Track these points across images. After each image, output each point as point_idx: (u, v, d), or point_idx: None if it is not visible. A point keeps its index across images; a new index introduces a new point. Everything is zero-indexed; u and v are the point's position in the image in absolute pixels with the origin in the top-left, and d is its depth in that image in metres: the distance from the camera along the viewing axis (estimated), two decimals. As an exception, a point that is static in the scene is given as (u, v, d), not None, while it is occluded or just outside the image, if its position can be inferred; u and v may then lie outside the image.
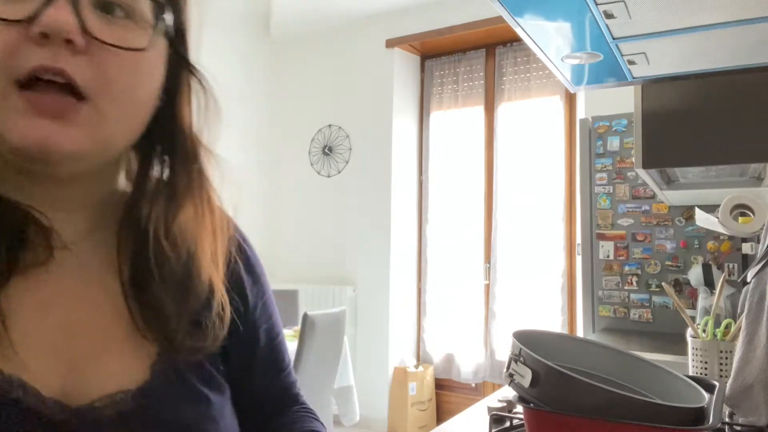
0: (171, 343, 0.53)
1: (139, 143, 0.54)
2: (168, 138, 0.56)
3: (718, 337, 1.22)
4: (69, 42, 0.44)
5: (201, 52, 0.57)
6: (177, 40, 0.54)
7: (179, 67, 0.55)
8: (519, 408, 0.95)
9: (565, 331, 3.74)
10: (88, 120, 0.46)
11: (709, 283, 2.14)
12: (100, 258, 0.54)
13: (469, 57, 4.30)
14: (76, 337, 0.50)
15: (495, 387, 3.96)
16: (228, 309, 0.58)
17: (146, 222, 0.54)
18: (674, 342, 1.93)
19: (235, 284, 0.61)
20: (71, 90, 0.45)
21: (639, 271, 2.46)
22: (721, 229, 1.74)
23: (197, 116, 0.57)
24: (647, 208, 2.46)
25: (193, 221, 0.56)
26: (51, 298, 0.50)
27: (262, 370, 0.66)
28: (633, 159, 1.94)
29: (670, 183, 1.81)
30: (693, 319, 1.38)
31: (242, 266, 0.63)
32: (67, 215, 0.52)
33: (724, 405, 0.97)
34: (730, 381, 0.98)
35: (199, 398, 0.54)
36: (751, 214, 1.63)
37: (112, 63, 0.47)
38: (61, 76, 0.44)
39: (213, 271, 0.57)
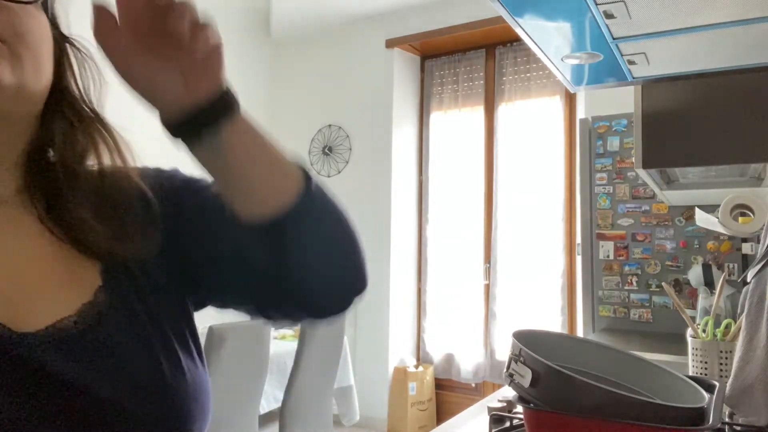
0: (111, 256, 0.57)
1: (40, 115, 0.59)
2: (62, 103, 0.60)
3: (718, 337, 1.22)
4: None
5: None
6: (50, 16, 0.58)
7: (59, 41, 0.60)
8: (519, 408, 0.95)
9: (565, 331, 3.74)
10: (9, 59, 0.50)
11: (709, 283, 2.14)
12: (24, 211, 0.57)
13: (469, 57, 4.30)
14: (17, 283, 0.53)
15: (495, 387, 3.96)
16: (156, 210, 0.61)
17: (56, 178, 0.58)
18: (674, 342, 1.93)
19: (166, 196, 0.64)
20: None
21: (639, 271, 2.46)
22: (721, 229, 1.74)
23: (82, 82, 0.61)
24: (647, 208, 2.46)
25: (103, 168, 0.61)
26: None
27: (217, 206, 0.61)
28: (633, 159, 1.94)
29: (670, 183, 1.81)
30: (693, 319, 1.38)
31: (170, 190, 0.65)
32: None
33: (724, 405, 0.97)
34: (730, 381, 0.98)
35: (142, 321, 0.57)
36: (751, 214, 1.63)
37: (12, 15, 0.51)
38: None
39: (131, 190, 0.61)
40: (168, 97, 0.53)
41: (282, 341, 3.25)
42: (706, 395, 0.73)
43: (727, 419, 0.98)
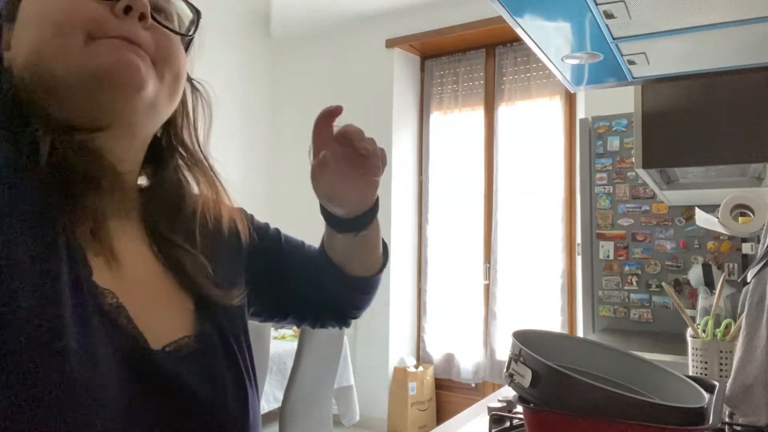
0: (203, 298, 0.62)
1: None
2: (175, 143, 0.67)
3: (718, 337, 1.22)
4: (142, 17, 0.55)
5: (201, 51, 0.63)
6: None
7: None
8: (519, 408, 0.95)
9: (565, 331, 3.74)
10: (152, 73, 0.56)
11: (709, 283, 2.14)
12: (136, 232, 0.62)
13: (469, 57, 4.30)
14: (142, 298, 0.58)
15: (495, 387, 3.96)
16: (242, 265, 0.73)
17: (165, 202, 0.65)
18: (674, 342, 1.93)
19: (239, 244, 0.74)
20: None
21: (639, 271, 2.46)
22: (721, 229, 1.74)
23: (194, 121, 0.68)
24: (647, 208, 2.47)
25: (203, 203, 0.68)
26: (120, 252, 0.57)
27: (295, 259, 0.83)
28: (633, 159, 1.94)
29: (670, 183, 1.81)
30: (693, 319, 1.38)
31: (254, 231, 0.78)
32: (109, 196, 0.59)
33: (724, 405, 0.97)
34: (730, 381, 0.98)
35: (231, 352, 0.63)
36: (751, 214, 1.63)
37: (166, 41, 0.58)
38: (137, 45, 0.55)
39: (229, 231, 0.70)
40: (348, 205, 0.76)
41: (282, 341, 3.25)
42: (706, 395, 0.73)
43: (727, 419, 0.98)
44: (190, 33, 0.63)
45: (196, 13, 0.63)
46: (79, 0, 0.53)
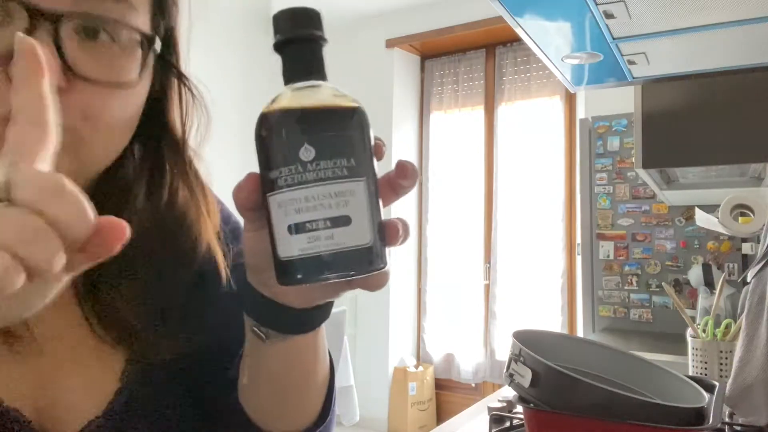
0: (139, 349, 0.52)
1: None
2: (155, 140, 0.54)
3: (718, 337, 1.22)
4: (59, 88, 0.39)
5: (201, 52, 0.56)
6: (166, 49, 0.51)
7: (168, 73, 0.53)
8: (519, 408, 0.95)
9: (565, 331, 3.74)
10: (68, 146, 0.38)
11: (709, 283, 2.14)
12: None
13: (469, 57, 4.30)
14: (45, 354, 0.49)
15: (495, 387, 3.96)
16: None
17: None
18: (674, 342, 1.93)
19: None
20: None
21: (639, 271, 2.46)
22: (721, 229, 1.74)
23: (185, 121, 0.55)
24: (647, 208, 2.46)
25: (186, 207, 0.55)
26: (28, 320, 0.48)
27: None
28: (633, 159, 1.94)
29: (670, 183, 1.81)
30: (693, 319, 1.38)
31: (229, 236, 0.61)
32: None
33: (724, 405, 0.97)
34: (730, 381, 0.98)
35: (171, 402, 0.54)
36: (751, 214, 1.63)
37: (96, 98, 0.43)
38: None
39: (220, 264, 0.56)
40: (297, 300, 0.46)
41: (282, 341, 3.25)
42: (706, 395, 0.73)
43: (727, 419, 0.98)
44: (137, 73, 0.45)
45: (147, 42, 0.46)
46: None
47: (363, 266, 0.39)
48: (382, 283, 0.42)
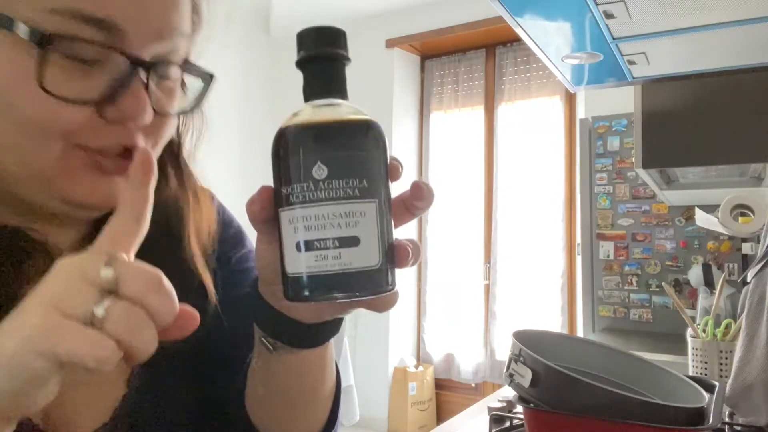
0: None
1: None
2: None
3: (718, 337, 1.22)
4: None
5: (200, 52, 0.56)
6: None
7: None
8: (519, 408, 0.95)
9: (565, 331, 3.74)
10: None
11: (709, 283, 2.14)
12: None
13: (469, 57, 4.30)
14: None
15: (495, 387, 3.96)
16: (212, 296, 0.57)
17: None
18: (674, 342, 1.93)
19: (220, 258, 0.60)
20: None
21: (639, 271, 2.46)
22: (721, 229, 1.74)
23: (180, 125, 0.57)
24: (647, 208, 2.46)
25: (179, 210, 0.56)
26: None
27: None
28: (633, 159, 1.94)
29: (670, 183, 1.81)
30: (693, 319, 1.38)
31: (220, 236, 0.62)
32: (59, 229, 0.51)
33: (724, 405, 0.97)
34: (730, 381, 0.98)
35: (177, 407, 0.54)
36: (751, 214, 1.63)
37: (160, 124, 0.48)
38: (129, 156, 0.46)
39: (200, 268, 0.56)
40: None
41: (282, 341, 3.25)
42: (706, 395, 0.73)
43: (727, 419, 0.98)
44: (195, 106, 0.51)
45: (209, 78, 0.51)
46: (58, 102, 0.42)
47: (370, 288, 0.39)
48: (390, 305, 0.43)
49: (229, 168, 4.08)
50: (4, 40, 0.41)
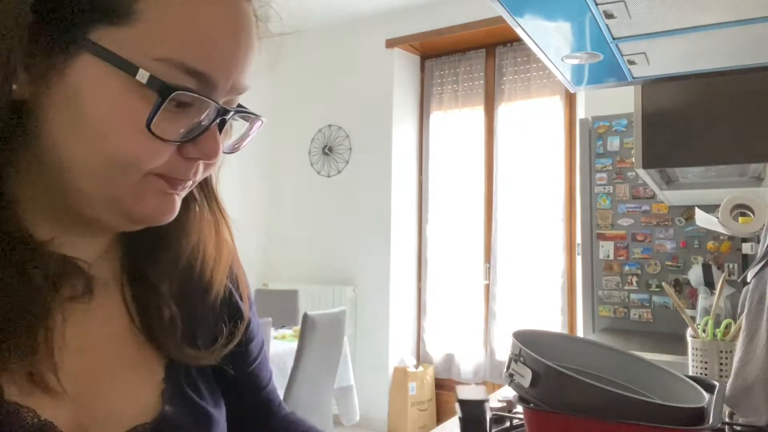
0: (177, 355, 0.56)
1: None
2: None
3: (718, 337, 1.22)
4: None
5: None
6: None
7: None
8: (519, 408, 0.95)
9: (565, 331, 3.74)
10: (184, 194, 0.53)
11: (709, 283, 2.14)
12: (110, 273, 0.56)
13: (469, 57, 4.30)
14: (87, 359, 0.52)
15: (495, 387, 3.96)
16: (228, 325, 0.62)
17: (153, 236, 0.57)
18: (674, 342, 1.93)
19: (231, 302, 0.64)
20: None
21: (639, 271, 2.46)
22: (721, 229, 1.74)
23: None
24: (647, 208, 2.46)
25: (199, 238, 0.60)
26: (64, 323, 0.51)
27: (250, 384, 0.68)
28: (633, 159, 1.94)
29: (670, 183, 1.81)
30: (693, 319, 1.38)
31: (235, 284, 0.66)
32: (87, 239, 0.54)
33: (724, 405, 0.97)
34: (730, 381, 0.98)
35: (208, 421, 0.57)
36: (751, 214, 1.63)
37: (216, 164, 0.53)
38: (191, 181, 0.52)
39: (219, 287, 0.61)
40: None
41: (282, 341, 3.25)
42: (706, 395, 0.73)
43: (727, 419, 0.98)
44: (240, 146, 0.56)
45: (257, 120, 0.56)
46: (153, 142, 0.46)
47: None
48: None
49: (228, 168, 4.07)
50: (120, 82, 0.45)
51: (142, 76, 0.44)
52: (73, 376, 0.50)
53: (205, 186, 0.61)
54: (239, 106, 0.54)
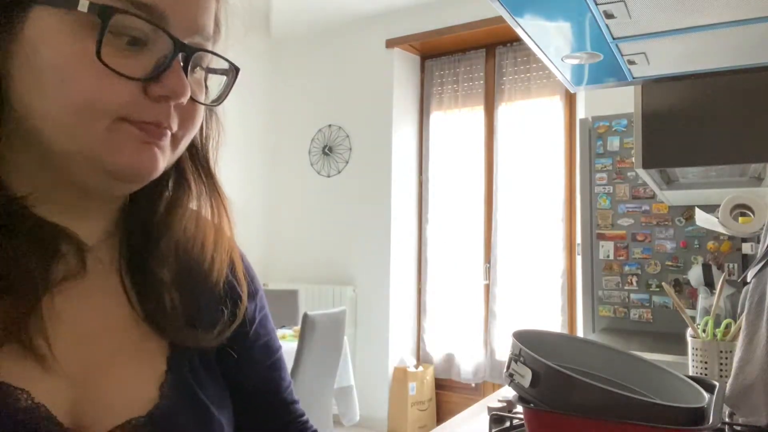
0: (178, 338, 0.56)
1: None
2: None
3: (718, 337, 1.22)
4: (179, 103, 0.50)
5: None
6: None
7: None
8: (519, 408, 0.95)
9: (565, 331, 3.74)
10: (168, 146, 0.52)
11: (709, 283, 2.14)
12: (109, 260, 0.56)
13: (469, 57, 4.30)
14: (87, 347, 0.51)
15: (495, 387, 3.96)
16: (229, 309, 0.61)
17: (150, 223, 0.58)
18: (674, 342, 1.93)
19: (233, 292, 0.63)
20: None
21: (639, 271, 2.46)
22: (721, 229, 1.74)
23: (207, 130, 0.62)
24: (647, 208, 2.46)
25: (197, 224, 0.60)
26: (62, 306, 0.51)
27: (262, 388, 0.66)
28: (633, 159, 1.94)
29: (670, 183, 1.80)
30: (693, 319, 1.38)
31: (239, 276, 0.65)
32: (85, 222, 0.54)
33: (724, 405, 0.97)
34: (730, 381, 0.98)
35: (207, 417, 0.56)
36: (751, 214, 1.63)
37: (192, 111, 0.53)
38: (167, 129, 0.51)
39: (220, 271, 0.60)
40: None
41: (282, 341, 3.25)
42: (706, 395, 0.73)
43: (727, 419, 0.98)
44: (221, 98, 0.57)
45: (235, 71, 0.57)
46: (109, 78, 0.46)
47: None
48: None
49: (228, 168, 4.07)
50: (64, 19, 0.46)
51: (83, 5, 0.45)
52: (71, 363, 0.49)
53: (201, 166, 0.61)
54: (213, 63, 0.55)
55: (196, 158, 0.61)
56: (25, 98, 0.47)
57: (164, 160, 0.51)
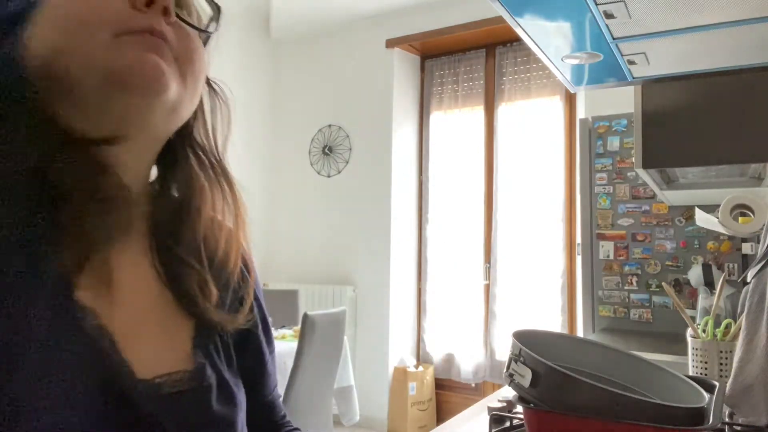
0: (204, 319, 0.58)
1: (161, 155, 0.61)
2: (189, 143, 0.63)
3: (718, 337, 1.22)
4: (165, 12, 0.52)
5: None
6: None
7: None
8: (519, 408, 0.95)
9: (565, 331, 3.74)
10: (175, 74, 0.53)
11: (709, 283, 2.14)
12: (139, 248, 0.58)
13: (469, 57, 4.30)
14: (125, 311, 0.53)
15: (495, 387, 3.96)
16: (251, 294, 0.65)
17: (174, 210, 0.60)
18: (674, 342, 1.93)
19: (244, 281, 0.66)
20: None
21: (639, 271, 2.46)
22: (721, 229, 1.74)
23: (212, 123, 0.64)
24: (647, 208, 2.46)
25: (216, 214, 0.63)
26: (117, 275, 0.53)
27: (260, 383, 0.68)
28: (633, 159, 1.94)
29: (670, 183, 1.81)
30: (693, 319, 1.38)
31: (249, 267, 0.67)
32: (128, 154, 0.55)
33: (724, 405, 0.97)
34: (730, 381, 0.98)
35: (230, 395, 0.58)
36: (751, 214, 1.63)
37: (188, 39, 0.55)
38: (162, 39, 0.52)
39: (236, 261, 0.63)
40: None
41: (282, 341, 3.25)
42: (706, 395, 0.73)
43: (727, 419, 0.98)
44: (210, 29, 0.59)
45: (217, 9, 0.60)
46: None
47: None
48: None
49: (229, 167, 4.07)
50: None
51: None
52: (110, 321, 0.51)
53: (213, 157, 0.63)
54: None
55: (208, 151, 0.63)
56: (48, 41, 0.49)
57: (170, 73, 0.52)
